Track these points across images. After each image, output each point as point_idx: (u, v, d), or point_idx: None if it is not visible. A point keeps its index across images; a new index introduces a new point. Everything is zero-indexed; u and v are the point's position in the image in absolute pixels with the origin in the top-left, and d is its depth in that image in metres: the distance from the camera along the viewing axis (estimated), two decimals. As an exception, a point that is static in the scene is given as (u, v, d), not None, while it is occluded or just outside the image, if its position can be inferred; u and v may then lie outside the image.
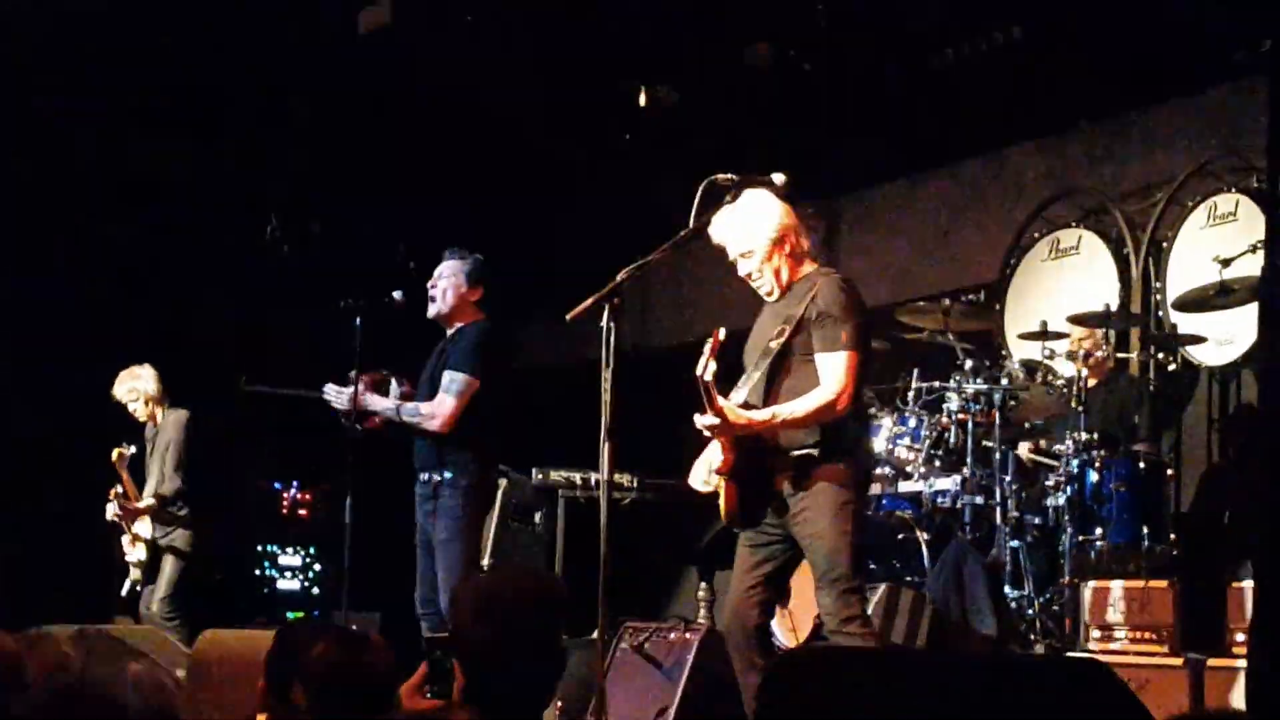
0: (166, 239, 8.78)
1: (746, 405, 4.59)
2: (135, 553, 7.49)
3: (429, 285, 6.01)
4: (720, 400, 4.47)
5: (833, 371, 4.52)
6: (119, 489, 7.49)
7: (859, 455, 4.80)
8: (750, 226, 4.65)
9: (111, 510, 7.47)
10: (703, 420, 4.50)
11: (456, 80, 8.14)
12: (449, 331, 6.02)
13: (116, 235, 8.71)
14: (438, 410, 5.80)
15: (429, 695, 3.07)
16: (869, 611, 4.80)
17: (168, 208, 8.68)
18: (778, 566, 4.65)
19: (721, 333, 4.40)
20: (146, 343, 8.15)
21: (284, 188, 8.70)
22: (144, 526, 7.47)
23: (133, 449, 7.55)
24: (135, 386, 7.57)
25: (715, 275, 5.79)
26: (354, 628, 4.68)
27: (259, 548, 9.10)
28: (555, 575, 6.09)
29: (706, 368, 4.37)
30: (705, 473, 4.75)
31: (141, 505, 7.48)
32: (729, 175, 4.67)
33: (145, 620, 7.27)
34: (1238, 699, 4.69)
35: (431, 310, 6.00)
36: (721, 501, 4.65)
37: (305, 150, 8.53)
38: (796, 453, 4.56)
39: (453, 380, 5.81)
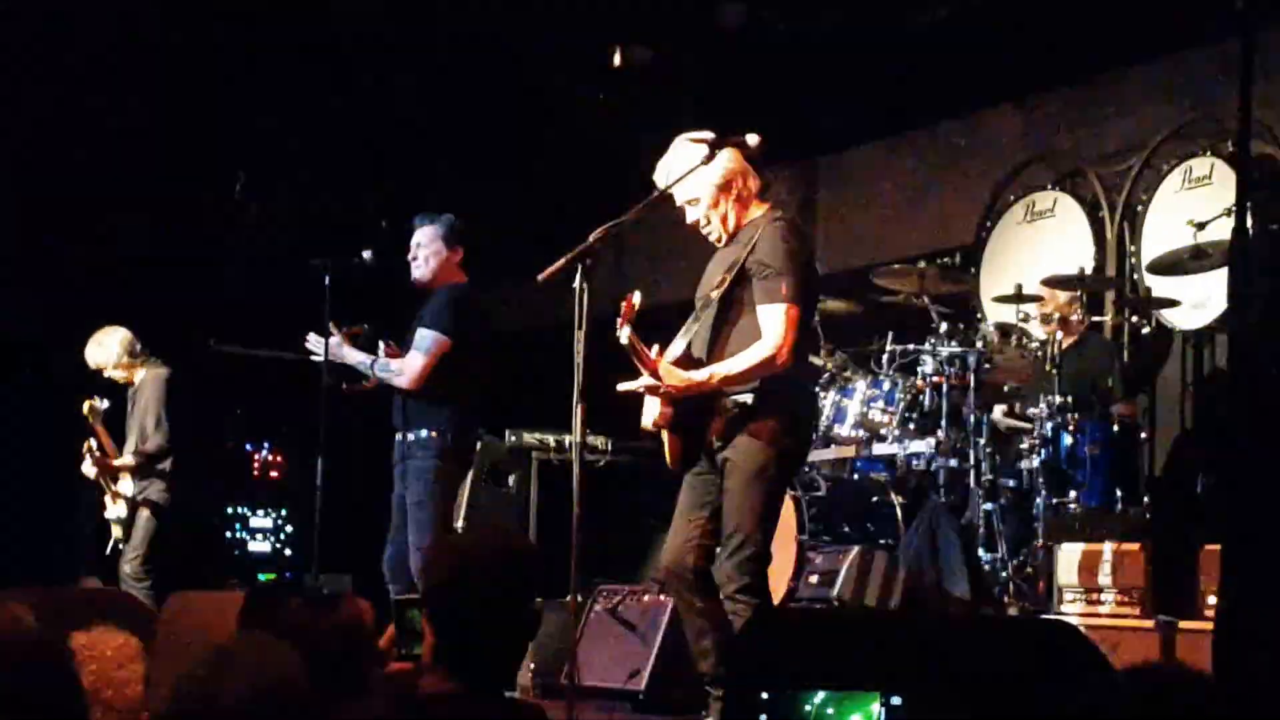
0: (133, 196, 8.68)
1: (688, 354, 4.49)
2: (115, 510, 7.35)
3: (409, 256, 5.95)
4: (656, 359, 4.40)
5: (772, 326, 4.42)
6: (93, 443, 7.36)
7: (798, 410, 4.62)
8: (695, 173, 4.58)
9: (88, 466, 7.34)
10: (638, 384, 4.43)
11: (421, 35, 8.07)
12: (425, 299, 5.98)
13: (81, 192, 8.62)
14: (406, 366, 5.77)
15: (399, 656, 3.06)
16: (766, 582, 4.63)
17: (133, 163, 8.58)
18: (716, 510, 4.53)
19: (636, 297, 4.34)
20: (112, 301, 8.08)
21: (251, 143, 8.60)
22: (126, 484, 7.36)
23: (106, 403, 7.42)
24: (104, 351, 7.47)
25: (692, 236, 5.75)
26: (325, 589, 4.66)
27: (230, 509, 9.05)
28: (527, 536, 6.06)
29: (621, 331, 4.31)
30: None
31: (119, 463, 7.36)
32: (702, 136, 4.62)
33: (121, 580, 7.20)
34: (1208, 661, 4.71)
35: (414, 278, 5.95)
36: (666, 449, 4.61)
37: (275, 105, 8.44)
38: (730, 400, 4.47)
39: (423, 338, 5.77)
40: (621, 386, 4.47)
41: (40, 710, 2.29)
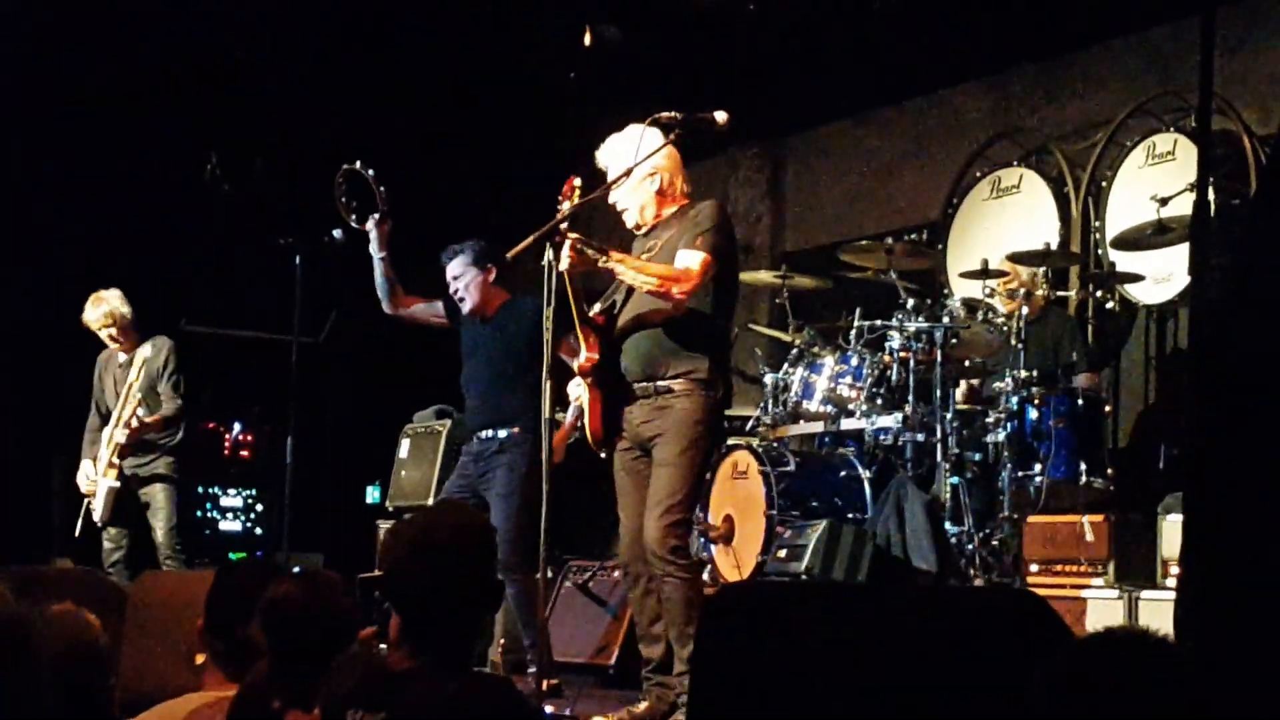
0: (104, 176, 8.63)
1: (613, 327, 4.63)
2: (106, 482, 6.88)
3: (451, 292, 5.95)
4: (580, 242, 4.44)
5: (687, 261, 4.52)
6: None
7: (720, 385, 4.69)
8: (631, 155, 4.62)
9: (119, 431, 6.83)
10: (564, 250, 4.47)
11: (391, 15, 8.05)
12: (485, 316, 5.97)
13: (51, 172, 8.56)
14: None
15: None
16: (696, 550, 4.74)
17: (104, 144, 8.52)
18: None
19: (576, 180, 4.39)
20: (83, 280, 8.03)
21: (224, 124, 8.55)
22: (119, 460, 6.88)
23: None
24: (105, 310, 7.00)
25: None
26: (297, 568, 4.66)
27: (200, 489, 9.01)
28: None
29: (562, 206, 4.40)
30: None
31: (135, 425, 6.78)
32: (672, 113, 4.64)
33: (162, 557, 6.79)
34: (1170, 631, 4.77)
35: (465, 309, 5.95)
36: (586, 419, 4.67)
37: (247, 86, 8.40)
38: (659, 381, 4.58)
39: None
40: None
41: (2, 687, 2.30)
